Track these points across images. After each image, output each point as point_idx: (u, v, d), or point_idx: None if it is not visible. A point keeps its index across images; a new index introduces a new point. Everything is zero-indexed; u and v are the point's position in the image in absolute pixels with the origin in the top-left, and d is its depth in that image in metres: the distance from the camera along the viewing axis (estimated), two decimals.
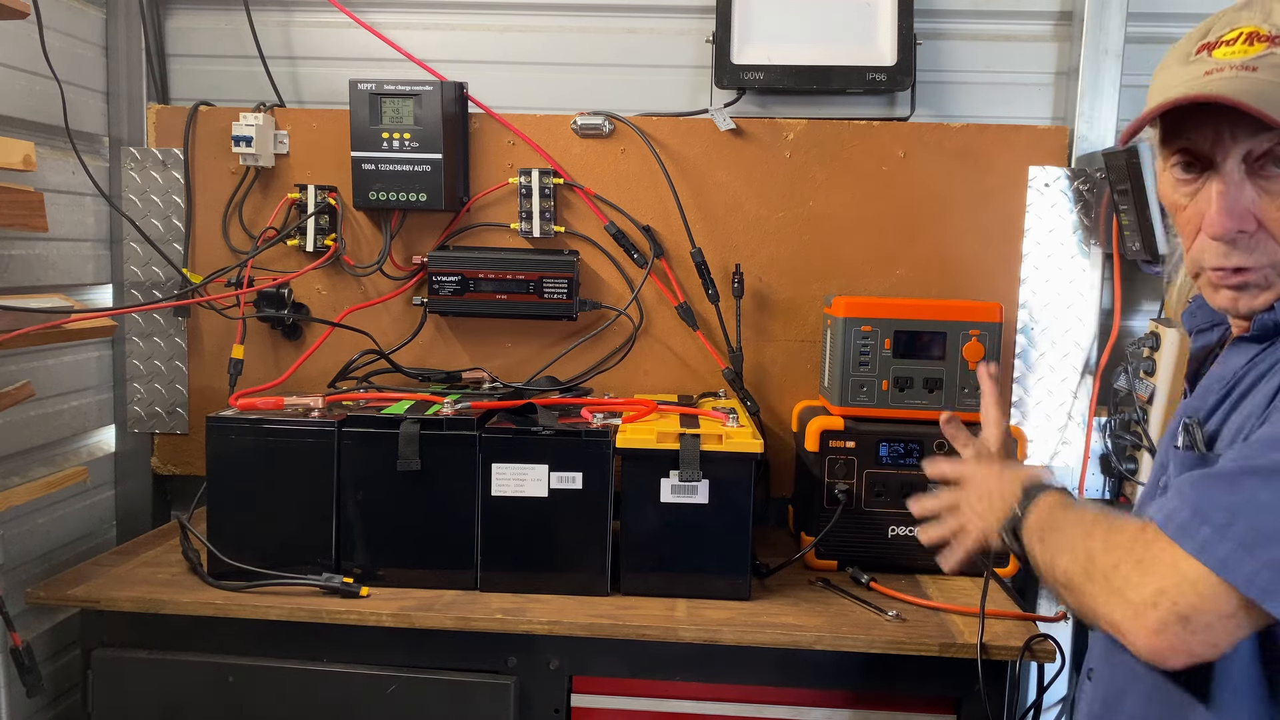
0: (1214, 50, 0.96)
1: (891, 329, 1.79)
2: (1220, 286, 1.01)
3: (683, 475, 1.61)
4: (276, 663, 1.59)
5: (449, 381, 2.03)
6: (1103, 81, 2.00)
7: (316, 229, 2.06)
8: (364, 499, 1.65)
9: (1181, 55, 1.00)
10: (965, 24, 2.11)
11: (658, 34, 2.13)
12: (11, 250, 1.76)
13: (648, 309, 2.08)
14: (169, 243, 2.09)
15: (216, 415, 1.67)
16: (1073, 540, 1.00)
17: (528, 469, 1.63)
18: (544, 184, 2.03)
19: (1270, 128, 0.91)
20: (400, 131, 1.96)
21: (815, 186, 2.04)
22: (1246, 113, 0.91)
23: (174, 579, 1.67)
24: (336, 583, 1.60)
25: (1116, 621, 0.91)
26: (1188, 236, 1.03)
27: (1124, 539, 0.94)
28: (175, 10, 2.17)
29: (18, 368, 1.79)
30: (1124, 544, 0.93)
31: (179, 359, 2.12)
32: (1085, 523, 1.01)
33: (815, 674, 1.56)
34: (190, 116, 2.08)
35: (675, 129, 2.05)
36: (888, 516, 1.79)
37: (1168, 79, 1.00)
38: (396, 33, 2.08)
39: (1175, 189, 1.02)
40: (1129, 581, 0.90)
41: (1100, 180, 1.97)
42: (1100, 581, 0.94)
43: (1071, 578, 0.98)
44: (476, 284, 2.01)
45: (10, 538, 1.75)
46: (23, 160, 1.56)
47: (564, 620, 1.54)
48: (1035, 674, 1.60)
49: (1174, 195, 1.03)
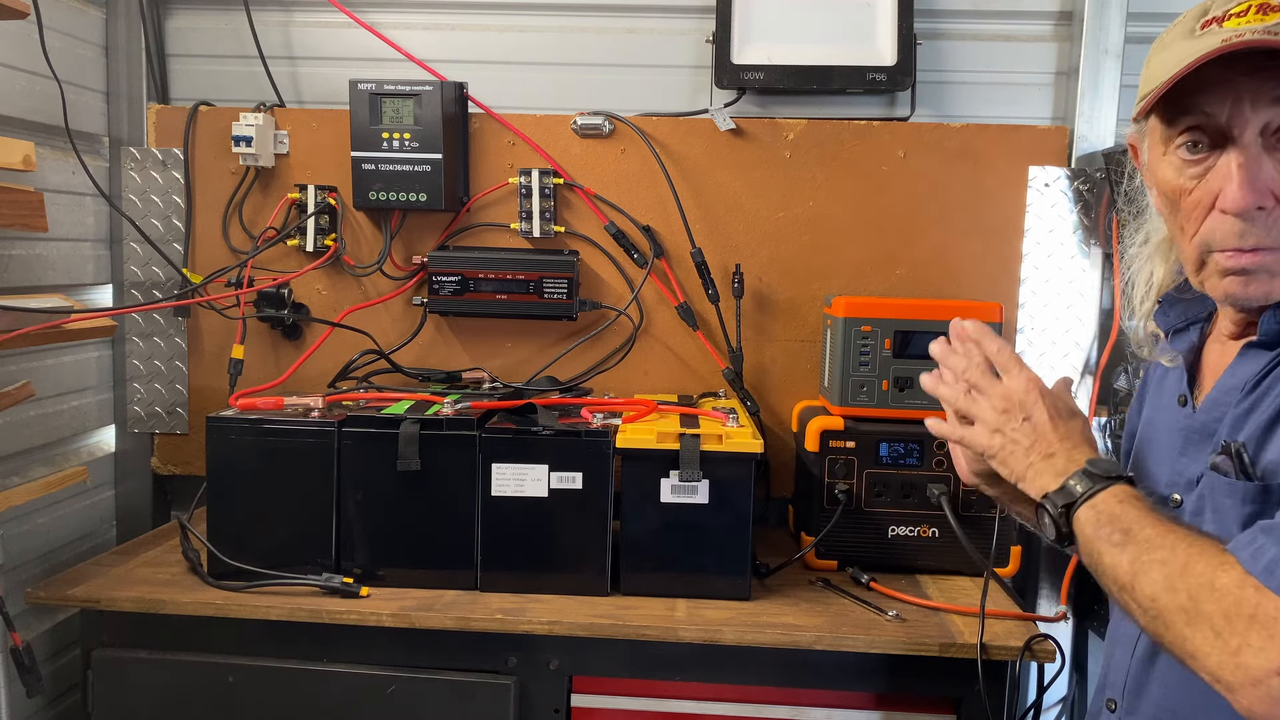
0: (1224, 23, 0.93)
1: (891, 329, 1.79)
2: (1228, 272, 0.97)
3: (683, 475, 1.61)
4: (276, 663, 1.59)
5: (449, 381, 2.03)
6: (1103, 81, 2.00)
7: (316, 229, 2.06)
8: (364, 499, 1.65)
9: (1185, 32, 0.97)
10: (965, 24, 2.11)
11: (658, 34, 2.13)
12: (11, 250, 1.76)
13: (648, 309, 2.08)
14: (169, 243, 2.09)
15: (216, 415, 1.67)
16: (1166, 566, 0.89)
17: (528, 469, 1.63)
18: (544, 184, 2.03)
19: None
20: (400, 131, 1.96)
21: (815, 186, 2.04)
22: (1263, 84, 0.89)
23: (174, 579, 1.67)
24: (336, 583, 1.60)
25: (1227, 681, 0.84)
26: (1193, 221, 0.98)
27: (1230, 583, 0.85)
28: (175, 10, 2.17)
29: (18, 368, 1.79)
30: (1232, 591, 0.84)
31: (179, 359, 2.12)
32: (1178, 546, 0.90)
33: (815, 674, 1.56)
34: (190, 116, 2.08)
35: (675, 129, 2.05)
36: (888, 516, 1.79)
37: (1175, 54, 0.96)
38: (396, 33, 2.08)
39: (1180, 171, 0.98)
40: (1248, 643, 0.82)
41: (1100, 180, 1.97)
42: (1207, 631, 0.85)
43: (1164, 611, 0.89)
44: (476, 284, 2.01)
45: (10, 538, 1.75)
46: (23, 160, 1.56)
47: (564, 620, 1.54)
48: (1035, 674, 1.60)
49: (1177, 179, 0.99)
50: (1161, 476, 1.11)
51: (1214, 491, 0.98)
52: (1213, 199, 0.96)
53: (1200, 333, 1.13)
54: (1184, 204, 0.99)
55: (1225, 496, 0.96)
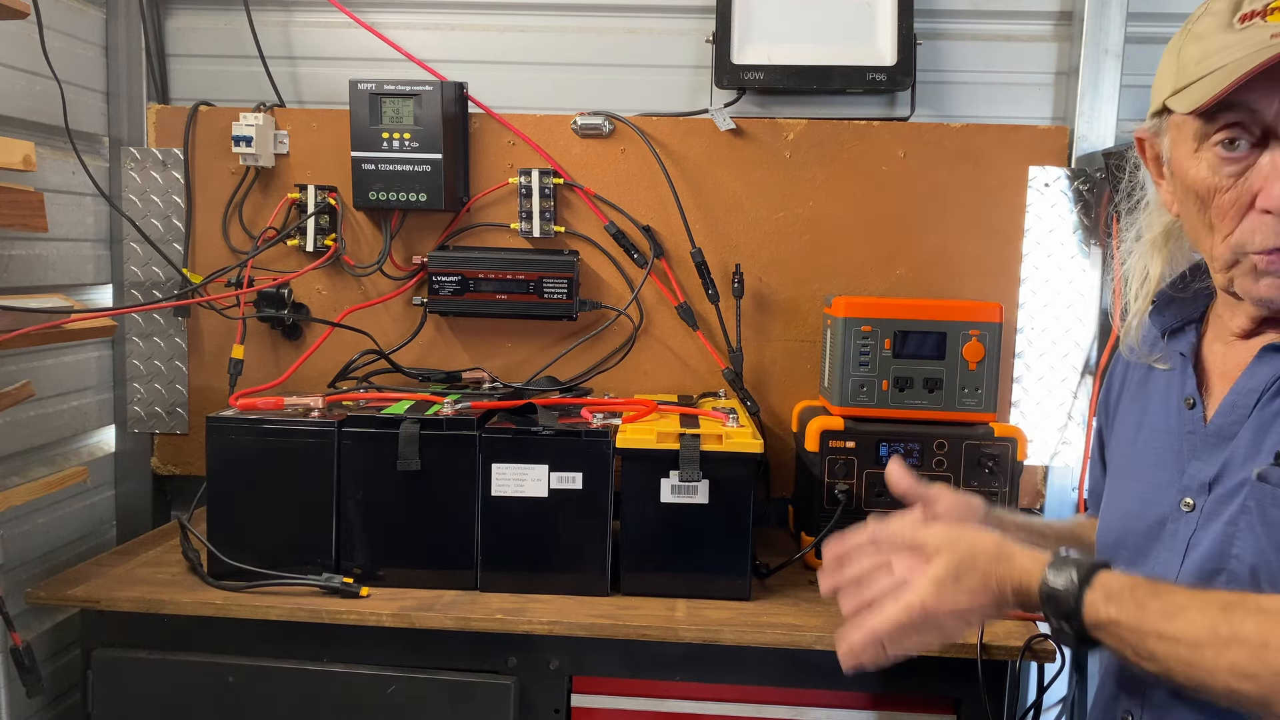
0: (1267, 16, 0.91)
1: (891, 329, 1.79)
2: (1265, 273, 0.95)
3: (683, 475, 1.61)
4: (276, 663, 1.59)
5: (449, 381, 2.03)
6: (1103, 81, 2.00)
7: (316, 229, 2.06)
8: (364, 499, 1.65)
9: (1221, 24, 0.94)
10: (965, 24, 2.11)
11: (658, 34, 2.13)
12: (11, 250, 1.76)
13: (648, 309, 2.08)
14: (169, 243, 2.09)
15: (216, 415, 1.67)
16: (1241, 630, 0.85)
17: (528, 469, 1.63)
18: (544, 184, 2.03)
19: None
20: (400, 131, 1.96)
21: (815, 186, 2.04)
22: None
23: (174, 579, 1.67)
24: (336, 583, 1.60)
25: None
26: (1228, 220, 0.96)
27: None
28: (175, 10, 2.17)
29: (18, 368, 1.78)
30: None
31: (179, 359, 2.12)
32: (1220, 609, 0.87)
33: (815, 674, 1.56)
34: (190, 116, 2.08)
35: (675, 129, 2.05)
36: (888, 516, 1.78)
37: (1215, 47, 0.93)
38: (396, 33, 2.08)
39: (1216, 170, 0.95)
40: None
41: (1100, 180, 1.97)
42: None
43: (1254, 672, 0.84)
44: (476, 284, 2.01)
45: (10, 538, 1.75)
46: (23, 160, 1.56)
47: (564, 620, 1.54)
48: (1035, 674, 1.60)
49: (1213, 178, 0.96)
50: (1166, 481, 1.07)
51: (1262, 502, 0.95)
52: (1251, 198, 0.94)
53: (1197, 332, 1.11)
54: (1217, 202, 0.96)
55: (1275, 507, 0.93)
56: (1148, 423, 1.15)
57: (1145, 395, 1.17)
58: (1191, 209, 1.01)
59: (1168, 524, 1.05)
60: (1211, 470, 1.02)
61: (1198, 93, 0.93)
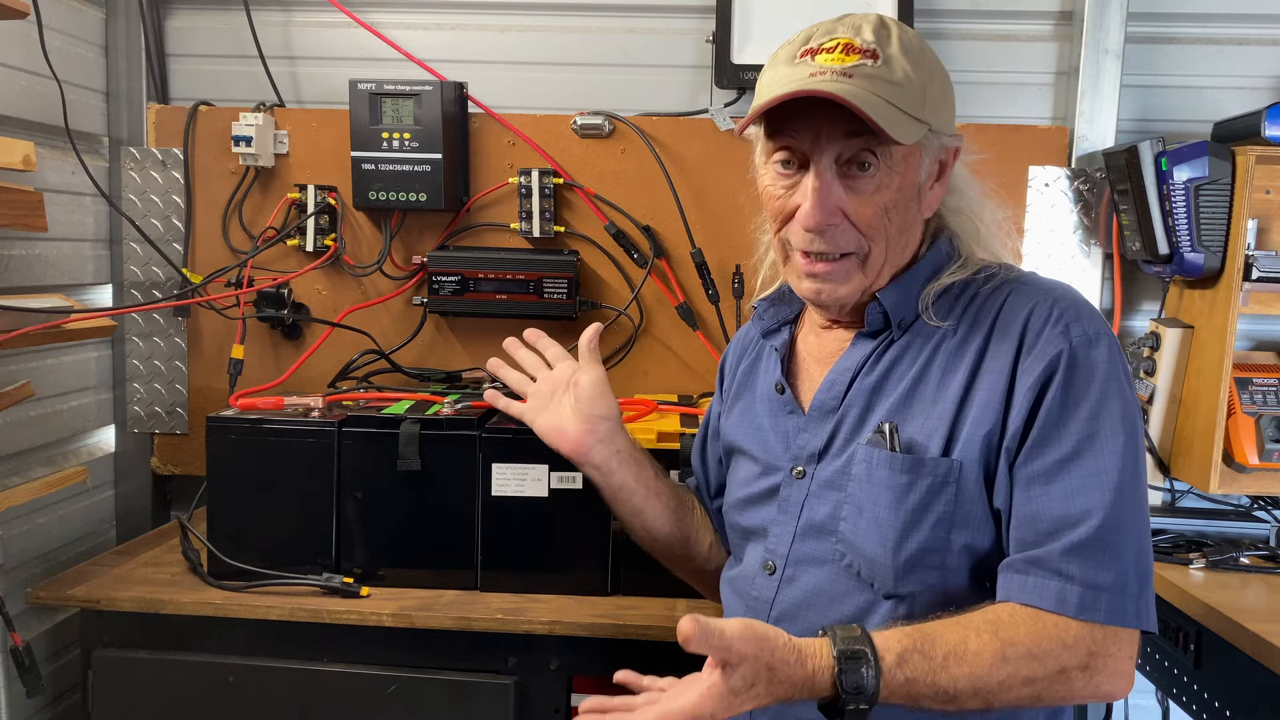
0: (816, 55, 1.07)
1: None
2: (805, 275, 1.14)
3: (683, 475, 1.60)
4: (276, 663, 1.59)
5: (449, 381, 2.03)
6: (1103, 81, 2.00)
7: (316, 229, 2.06)
8: (364, 499, 1.65)
9: (788, 57, 1.10)
10: (965, 24, 2.11)
11: (658, 34, 2.13)
12: (11, 250, 1.76)
13: (648, 309, 2.08)
14: (169, 243, 2.09)
15: (216, 415, 1.67)
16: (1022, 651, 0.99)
17: (528, 469, 1.63)
18: (544, 184, 2.03)
19: (857, 135, 1.05)
20: (400, 131, 1.96)
21: None
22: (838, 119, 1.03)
23: (174, 579, 1.68)
24: (336, 583, 1.60)
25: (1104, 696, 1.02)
26: (779, 221, 1.14)
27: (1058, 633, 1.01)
28: (175, 10, 2.17)
29: (18, 368, 1.79)
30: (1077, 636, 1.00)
31: (179, 359, 2.12)
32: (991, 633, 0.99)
33: None
34: (190, 116, 2.08)
35: (675, 129, 2.05)
36: None
37: (777, 76, 1.09)
38: (396, 33, 2.08)
39: (775, 182, 1.13)
40: None
41: (1100, 180, 1.97)
42: None
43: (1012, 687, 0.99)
44: (476, 284, 2.01)
45: (10, 538, 1.75)
46: (23, 160, 1.56)
47: (564, 620, 1.54)
48: None
49: (773, 187, 1.14)
50: (780, 453, 1.21)
51: (872, 462, 1.10)
52: (794, 209, 1.11)
53: (790, 332, 1.28)
54: (773, 206, 1.15)
55: (883, 467, 1.09)
56: (754, 408, 1.29)
57: (750, 385, 1.32)
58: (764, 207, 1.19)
59: (781, 489, 1.19)
60: (819, 442, 1.16)
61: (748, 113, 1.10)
